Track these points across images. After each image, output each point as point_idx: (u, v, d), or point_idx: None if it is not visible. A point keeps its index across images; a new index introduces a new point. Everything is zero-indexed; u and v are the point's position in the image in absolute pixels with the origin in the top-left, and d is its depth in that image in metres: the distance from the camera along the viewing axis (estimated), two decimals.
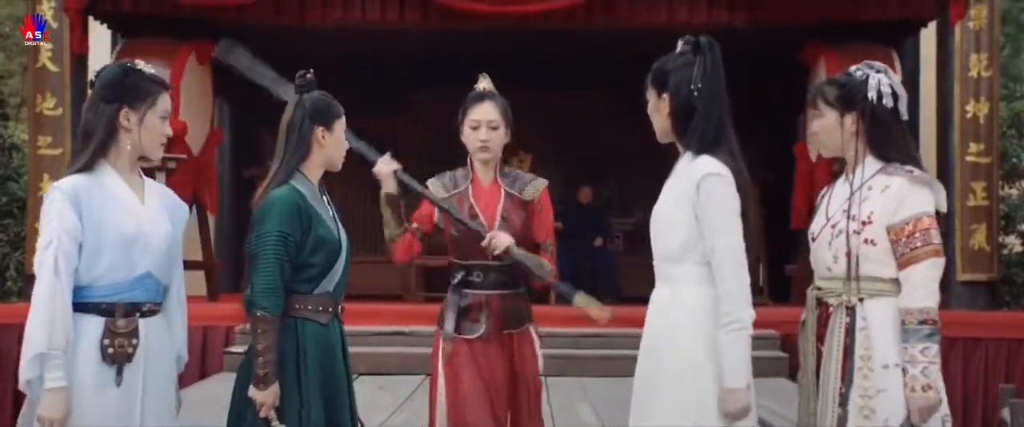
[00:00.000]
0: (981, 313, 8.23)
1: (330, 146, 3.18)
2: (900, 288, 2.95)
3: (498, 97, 3.78)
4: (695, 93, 2.86)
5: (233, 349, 7.39)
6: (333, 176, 3.30)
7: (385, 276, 10.12)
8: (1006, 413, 5.69)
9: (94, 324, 2.87)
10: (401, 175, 3.64)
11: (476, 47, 4.54)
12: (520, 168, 4.90)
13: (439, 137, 5.93)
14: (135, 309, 2.93)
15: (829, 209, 3.14)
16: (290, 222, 3.01)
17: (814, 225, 3.19)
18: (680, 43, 2.95)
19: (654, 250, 2.97)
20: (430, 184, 3.83)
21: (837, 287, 3.05)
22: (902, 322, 2.92)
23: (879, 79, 3.05)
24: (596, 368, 7.23)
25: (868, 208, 2.99)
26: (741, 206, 2.84)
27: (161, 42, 8.80)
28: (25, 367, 2.78)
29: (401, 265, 3.85)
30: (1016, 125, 10.41)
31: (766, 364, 6.84)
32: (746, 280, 2.80)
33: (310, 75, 3.19)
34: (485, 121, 3.72)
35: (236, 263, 10.36)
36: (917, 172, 3.00)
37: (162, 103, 3.02)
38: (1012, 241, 10.06)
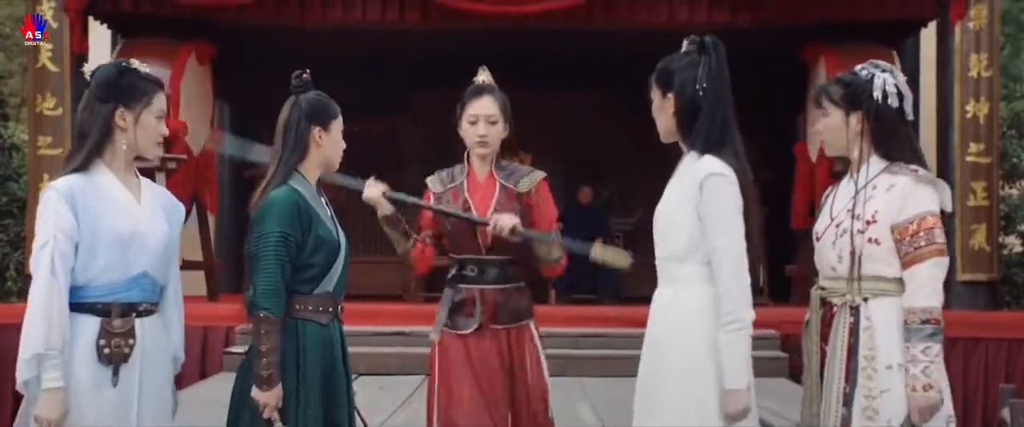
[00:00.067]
0: (981, 313, 8.23)
1: (327, 146, 3.17)
2: (904, 288, 2.95)
3: (497, 91, 3.75)
4: (700, 93, 2.85)
5: (233, 349, 7.38)
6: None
7: (385, 276, 10.13)
8: (1006, 413, 5.68)
9: (90, 324, 2.86)
10: (390, 194, 3.62)
11: (476, 47, 4.55)
12: None
13: (439, 137, 5.92)
14: (131, 309, 2.92)
15: (833, 209, 3.13)
16: (290, 222, 3.00)
17: (818, 225, 3.18)
18: (685, 43, 2.95)
19: (657, 250, 2.96)
20: (429, 181, 3.83)
21: (841, 287, 3.04)
22: (905, 321, 2.91)
23: (885, 78, 3.04)
24: (596, 368, 7.22)
25: (872, 207, 2.98)
26: (744, 207, 2.83)
27: (161, 42, 8.80)
28: (22, 367, 2.77)
29: (424, 275, 3.83)
30: (1016, 125, 10.40)
31: (766, 364, 6.82)
32: (747, 280, 2.80)
33: (306, 75, 3.19)
34: (483, 116, 3.69)
35: (236, 263, 10.35)
36: (921, 171, 2.99)
37: (158, 102, 3.01)
38: (1012, 241, 10.06)
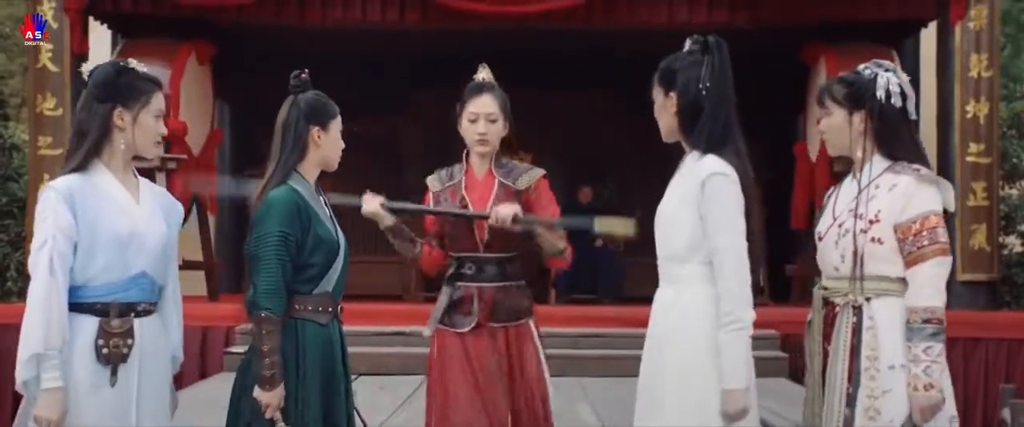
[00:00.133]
0: (981, 313, 8.23)
1: (326, 146, 3.17)
2: (907, 287, 2.94)
3: (497, 89, 3.73)
4: (703, 92, 2.85)
5: (233, 349, 7.38)
6: (331, 176, 3.30)
7: (385, 276, 10.12)
8: (1006, 413, 5.68)
9: (89, 324, 2.86)
10: (388, 204, 3.62)
11: (476, 47, 4.55)
12: None
13: (439, 137, 5.92)
14: (130, 309, 2.92)
15: (836, 208, 3.12)
16: (290, 222, 3.00)
17: (821, 224, 3.17)
18: (688, 42, 2.95)
19: (658, 250, 2.96)
20: (429, 181, 3.83)
21: (844, 287, 3.03)
22: (907, 321, 2.91)
23: (888, 78, 3.03)
24: (596, 368, 7.22)
25: (875, 207, 2.98)
26: (746, 207, 2.83)
27: (161, 42, 8.81)
28: (22, 368, 2.77)
29: (435, 276, 3.83)
30: (1016, 125, 10.39)
31: (766, 364, 6.80)
32: (747, 280, 2.80)
33: (305, 75, 3.18)
34: (483, 114, 3.67)
35: (236, 263, 10.35)
36: (924, 170, 2.98)
37: (156, 102, 3.01)
38: (1012, 241, 10.05)
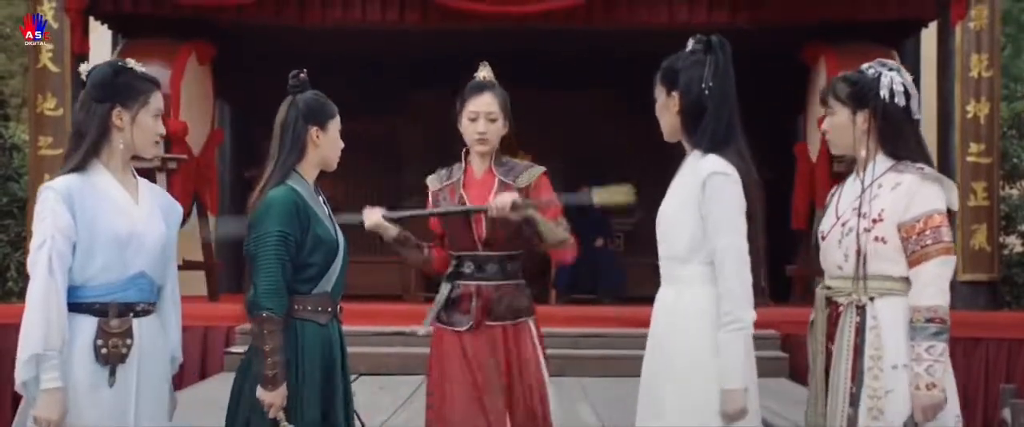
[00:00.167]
0: (982, 313, 8.22)
1: (325, 146, 3.16)
2: (911, 287, 2.93)
3: (497, 88, 3.72)
4: (706, 92, 2.85)
5: (233, 349, 7.38)
6: (331, 176, 3.30)
7: (385, 276, 10.11)
8: (1007, 413, 5.67)
9: (88, 324, 2.86)
10: (389, 215, 3.63)
11: (476, 47, 4.54)
12: None
13: (439, 137, 5.93)
14: (129, 309, 2.92)
15: (839, 207, 3.11)
16: (289, 221, 3.00)
17: (824, 223, 3.16)
18: (691, 41, 2.94)
19: (660, 250, 2.95)
20: (429, 181, 3.83)
21: (847, 286, 3.02)
22: (910, 320, 2.90)
23: (892, 77, 3.02)
24: (596, 368, 7.22)
25: (879, 206, 2.97)
26: (748, 207, 2.82)
27: (161, 43, 8.81)
28: (21, 368, 2.77)
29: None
30: (1017, 125, 10.40)
31: (766, 364, 6.73)
32: (748, 280, 2.80)
33: (303, 75, 3.18)
34: (483, 113, 3.66)
35: (236, 263, 10.34)
36: (928, 169, 2.98)
37: (155, 101, 3.01)
38: (1013, 241, 10.05)
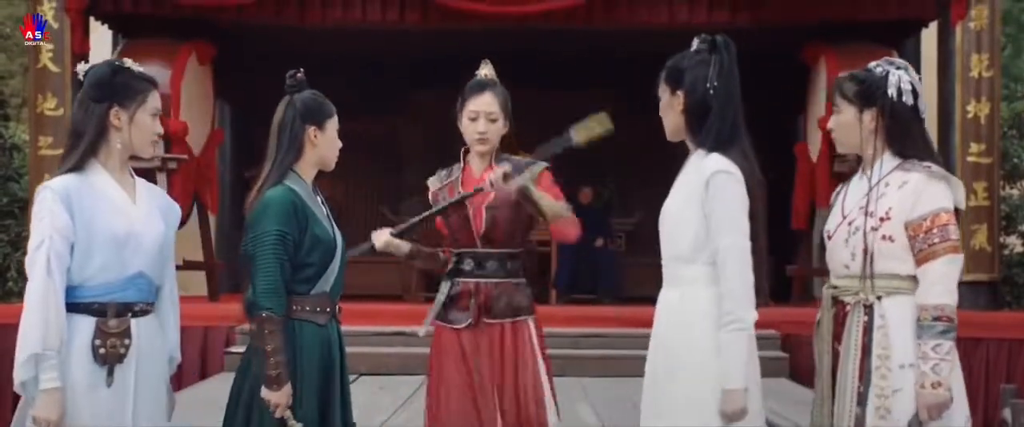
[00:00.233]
0: (982, 313, 8.19)
1: (322, 145, 3.16)
2: (918, 285, 2.92)
3: (498, 87, 3.72)
4: (711, 91, 2.84)
5: (233, 349, 7.36)
6: (331, 176, 3.29)
7: (385, 276, 10.11)
8: (1007, 413, 5.67)
9: (86, 324, 2.86)
10: (396, 230, 3.64)
11: (476, 47, 4.54)
12: None
13: (439, 137, 5.93)
14: (127, 309, 2.92)
15: (845, 206, 3.10)
16: (287, 221, 3.00)
17: (829, 222, 3.15)
18: (695, 41, 2.94)
19: (663, 250, 2.94)
20: (429, 182, 3.84)
21: (854, 285, 3.01)
22: (917, 319, 2.89)
23: (899, 76, 3.01)
24: (596, 368, 7.21)
25: (886, 204, 2.96)
26: (751, 207, 2.81)
27: (162, 43, 8.81)
28: (20, 368, 2.77)
29: None
30: (1017, 125, 10.39)
31: (766, 364, 6.69)
32: (750, 280, 2.79)
33: (301, 75, 3.18)
34: (484, 112, 3.66)
35: (236, 263, 10.34)
36: (935, 167, 2.97)
37: (152, 101, 3.01)
38: (1013, 241, 10.05)
